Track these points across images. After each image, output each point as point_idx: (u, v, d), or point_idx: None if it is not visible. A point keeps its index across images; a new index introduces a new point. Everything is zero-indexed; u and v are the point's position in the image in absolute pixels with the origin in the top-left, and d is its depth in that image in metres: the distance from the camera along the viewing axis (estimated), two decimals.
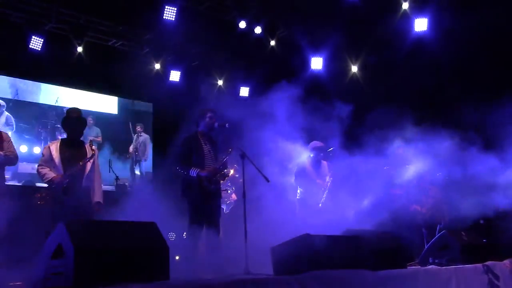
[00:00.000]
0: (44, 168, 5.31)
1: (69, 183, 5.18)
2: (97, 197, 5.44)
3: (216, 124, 5.85)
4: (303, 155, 7.61)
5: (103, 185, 5.95)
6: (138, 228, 3.48)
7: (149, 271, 3.20)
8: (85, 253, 2.97)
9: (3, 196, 5.29)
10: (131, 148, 11.06)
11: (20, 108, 9.62)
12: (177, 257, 6.59)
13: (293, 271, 3.84)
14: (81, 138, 5.62)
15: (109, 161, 9.86)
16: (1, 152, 5.27)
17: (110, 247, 3.11)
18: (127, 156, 10.96)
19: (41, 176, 5.35)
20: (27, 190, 8.22)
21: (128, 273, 3.03)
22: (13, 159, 5.49)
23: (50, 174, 5.26)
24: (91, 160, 5.40)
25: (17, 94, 9.67)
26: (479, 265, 5.17)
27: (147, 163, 11.29)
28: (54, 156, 5.31)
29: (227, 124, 5.83)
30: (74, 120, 5.54)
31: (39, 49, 8.73)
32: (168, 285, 3.12)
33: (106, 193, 5.96)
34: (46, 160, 5.37)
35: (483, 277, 5.09)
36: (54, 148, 5.38)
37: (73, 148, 5.44)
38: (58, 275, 3.02)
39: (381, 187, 6.82)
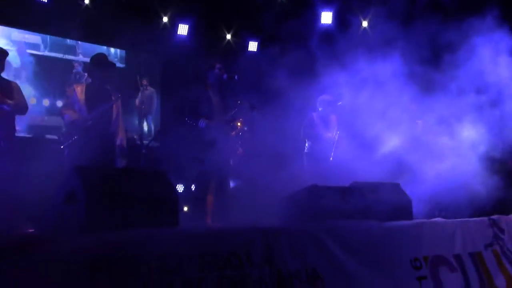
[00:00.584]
0: (67, 110, 5.38)
1: (92, 126, 5.23)
2: (120, 142, 5.50)
3: (225, 76, 5.82)
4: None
5: None
6: (148, 176, 3.52)
7: (159, 218, 3.25)
8: (97, 199, 3.03)
9: (14, 145, 5.37)
10: (137, 102, 11.06)
11: (29, 61, 9.59)
12: (185, 208, 6.70)
13: (300, 222, 3.90)
14: None
15: None
16: (11, 101, 5.31)
17: (121, 194, 3.15)
18: (135, 109, 10.96)
19: (63, 118, 5.42)
20: (37, 142, 8.30)
21: (139, 220, 3.08)
22: (23, 108, 5.55)
23: (74, 115, 5.32)
24: (116, 105, 5.45)
25: (24, 46, 9.62)
26: (485, 218, 5.21)
27: (155, 118, 11.31)
28: (79, 97, 5.36)
29: (236, 76, 5.80)
30: (103, 63, 5.54)
31: (46, 1, 8.65)
32: (177, 231, 3.17)
33: None
34: (69, 102, 5.43)
35: (488, 230, 5.14)
36: (80, 90, 5.44)
37: (97, 92, 5.48)
38: (70, 220, 3.09)
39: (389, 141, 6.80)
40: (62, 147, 5.38)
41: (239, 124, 7.96)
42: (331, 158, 7.29)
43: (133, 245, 2.87)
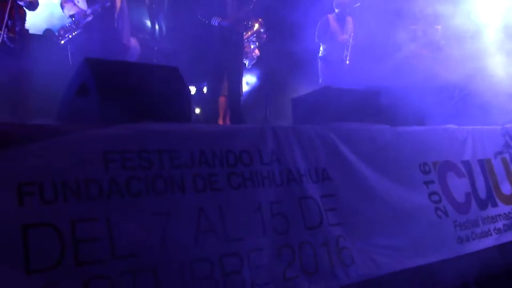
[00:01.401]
0: (67, 1, 5.24)
1: (93, 22, 5.10)
2: (125, 39, 5.39)
3: None
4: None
5: None
6: (161, 71, 3.48)
7: (171, 112, 3.25)
8: (109, 91, 3.02)
9: (25, 42, 5.29)
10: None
11: None
12: (197, 111, 6.71)
13: (311, 122, 3.89)
14: None
15: None
16: None
17: (133, 87, 3.13)
18: (145, 8, 10.60)
19: (63, 10, 5.29)
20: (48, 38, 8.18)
21: (150, 113, 3.07)
22: (35, 4, 5.42)
23: (73, 8, 5.19)
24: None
25: None
26: (498, 127, 5.19)
27: (167, 17, 10.99)
28: None
29: None
30: None
31: None
32: (190, 127, 3.18)
33: None
34: None
35: (500, 139, 5.14)
36: None
37: None
38: (83, 112, 3.10)
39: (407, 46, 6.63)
40: (62, 41, 5.26)
41: (256, 24, 7.73)
42: (347, 62, 7.14)
43: (145, 138, 2.89)
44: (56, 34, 5.43)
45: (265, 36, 5.71)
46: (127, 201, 2.69)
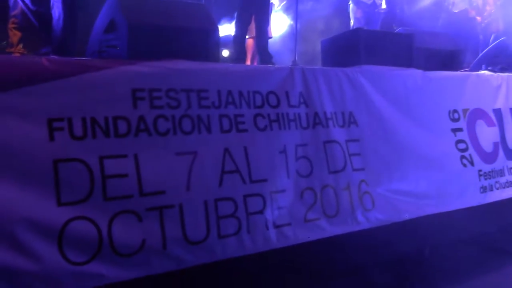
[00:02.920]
0: None
1: None
2: None
3: None
4: None
5: None
6: (190, 8, 3.41)
7: (200, 52, 3.22)
8: (137, 28, 3.00)
9: None
10: None
11: None
12: (225, 53, 6.61)
13: (341, 65, 3.81)
14: None
15: None
16: None
17: (162, 24, 3.10)
18: None
19: None
20: None
21: (180, 52, 3.06)
22: None
23: None
24: None
25: None
26: None
27: None
28: None
29: None
30: None
31: None
32: (217, 66, 3.15)
33: None
34: None
35: None
36: None
37: None
38: (112, 48, 3.10)
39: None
40: None
41: None
42: (383, 6, 6.87)
43: (174, 76, 2.89)
44: None
45: None
46: (154, 139, 2.73)
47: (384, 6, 6.79)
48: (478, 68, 5.45)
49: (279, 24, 7.31)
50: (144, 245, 2.60)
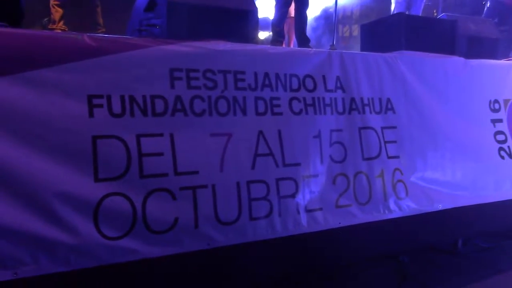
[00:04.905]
0: None
1: None
2: None
3: None
4: None
5: None
6: None
7: (238, 33, 3.20)
8: (177, 7, 3.00)
9: None
10: None
11: None
12: (263, 34, 6.55)
13: (380, 51, 3.74)
14: None
15: None
16: None
17: (201, 3, 3.09)
18: None
19: None
20: None
21: (218, 31, 3.05)
22: None
23: None
24: None
25: None
26: None
27: None
28: None
29: None
30: None
31: None
32: (255, 48, 3.13)
33: None
34: None
35: None
36: None
37: None
38: (152, 27, 3.12)
39: None
40: None
41: None
42: None
43: (211, 57, 2.89)
44: None
45: None
46: (190, 119, 2.76)
47: None
48: None
49: (319, 5, 7.21)
50: (176, 223, 2.65)
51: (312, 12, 7.19)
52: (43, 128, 2.39)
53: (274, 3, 5.49)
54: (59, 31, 4.26)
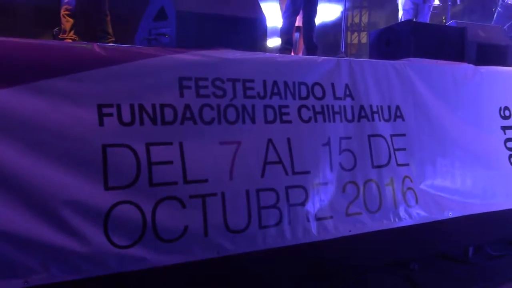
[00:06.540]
0: None
1: None
2: None
3: None
4: None
5: None
6: None
7: (247, 42, 3.21)
8: (186, 16, 3.02)
9: None
10: None
11: None
12: (272, 42, 6.56)
13: (389, 58, 3.74)
14: None
15: None
16: None
17: (210, 12, 3.10)
18: None
19: None
20: None
21: (227, 40, 3.06)
22: None
23: None
24: None
25: None
26: None
27: None
28: None
29: None
30: None
31: None
32: (263, 56, 3.14)
33: None
34: None
35: None
36: None
37: None
38: (161, 36, 3.13)
39: None
40: None
41: None
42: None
43: (220, 66, 2.90)
44: None
45: None
46: (199, 128, 2.76)
47: (437, 1, 6.59)
48: None
49: (327, 13, 7.22)
50: (186, 231, 2.65)
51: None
52: (54, 136, 2.41)
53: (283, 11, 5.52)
54: (70, 40, 4.30)
